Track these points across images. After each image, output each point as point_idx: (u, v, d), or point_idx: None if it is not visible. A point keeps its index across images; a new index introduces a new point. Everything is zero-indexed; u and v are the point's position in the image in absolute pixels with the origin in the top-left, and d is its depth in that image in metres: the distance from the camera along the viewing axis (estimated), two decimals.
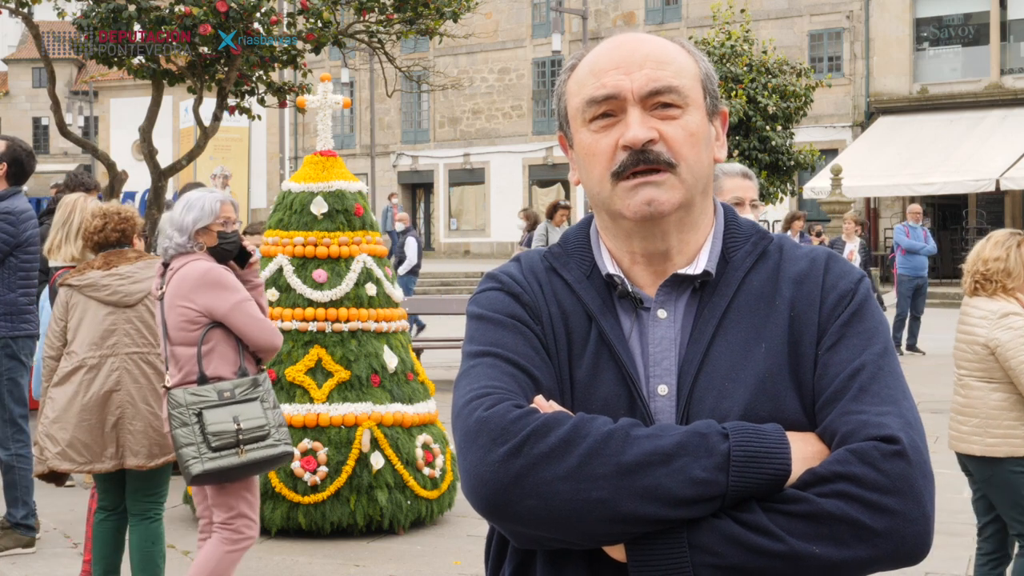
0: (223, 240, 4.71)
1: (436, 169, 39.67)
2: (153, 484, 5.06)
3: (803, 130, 26.68)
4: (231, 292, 4.61)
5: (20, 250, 6.17)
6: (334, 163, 6.98)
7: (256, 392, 4.56)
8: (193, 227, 4.66)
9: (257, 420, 4.50)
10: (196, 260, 4.64)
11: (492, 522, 1.58)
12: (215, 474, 4.49)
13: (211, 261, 4.68)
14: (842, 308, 1.62)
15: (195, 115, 14.06)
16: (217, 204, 4.70)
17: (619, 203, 1.62)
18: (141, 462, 4.93)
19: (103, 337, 4.97)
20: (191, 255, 4.66)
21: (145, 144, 13.75)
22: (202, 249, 4.69)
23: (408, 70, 19.92)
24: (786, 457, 1.50)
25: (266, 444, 4.51)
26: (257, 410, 4.52)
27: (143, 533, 5.03)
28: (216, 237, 4.70)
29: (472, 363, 1.64)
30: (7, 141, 6.39)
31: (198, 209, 4.68)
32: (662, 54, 1.65)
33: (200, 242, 4.69)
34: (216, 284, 4.60)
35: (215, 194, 4.79)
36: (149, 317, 5.00)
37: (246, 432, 4.47)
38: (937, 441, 9.32)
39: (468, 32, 21.60)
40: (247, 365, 4.64)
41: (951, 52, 30.97)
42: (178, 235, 4.67)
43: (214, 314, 4.58)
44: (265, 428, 4.51)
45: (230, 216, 4.74)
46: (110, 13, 12.33)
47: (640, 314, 1.65)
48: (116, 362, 4.96)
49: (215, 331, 4.60)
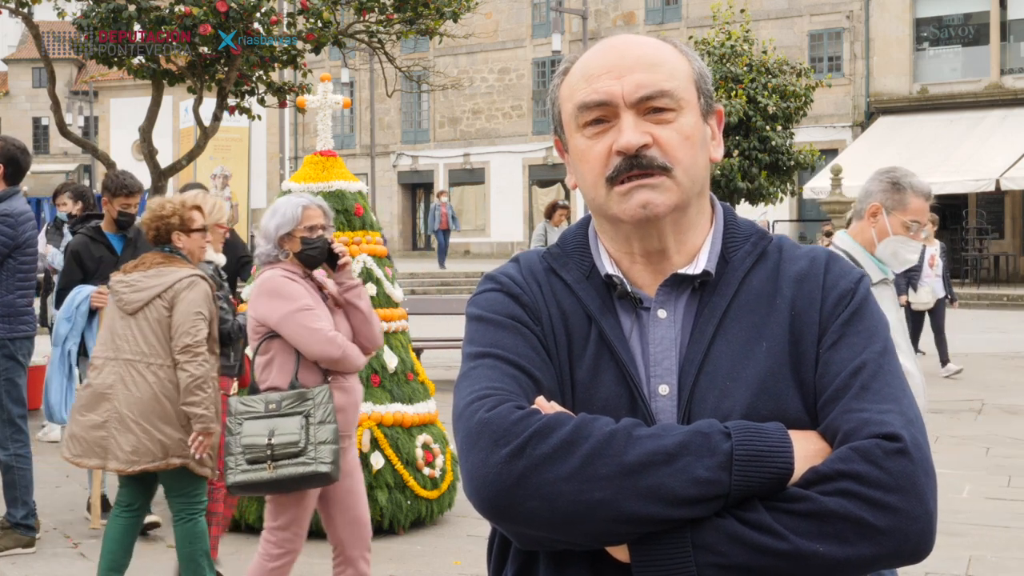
0: (307, 246, 4.58)
1: (436, 169, 39.67)
2: (183, 485, 5.05)
3: (803, 130, 26.70)
4: (284, 302, 4.48)
5: (18, 252, 6.17)
6: (334, 163, 6.98)
7: (302, 407, 4.40)
8: (276, 234, 4.57)
9: (291, 436, 4.35)
10: (271, 268, 4.59)
11: (495, 523, 1.57)
12: (246, 486, 4.43)
13: (290, 269, 4.58)
14: (843, 307, 1.62)
15: (195, 115, 14.06)
16: (299, 210, 4.59)
17: (615, 207, 1.62)
18: (120, 466, 4.96)
19: (111, 340, 5.04)
20: (276, 263, 4.60)
21: (145, 144, 13.76)
22: (288, 257, 4.60)
23: (408, 70, 19.92)
24: (789, 456, 1.50)
25: (298, 461, 4.35)
26: (294, 425, 4.37)
27: (179, 534, 5.06)
28: (300, 243, 4.58)
29: (472, 364, 1.64)
30: (1, 141, 6.36)
31: (280, 215, 4.59)
32: (654, 56, 1.64)
33: (286, 249, 4.60)
34: (271, 293, 4.52)
35: (299, 199, 4.67)
36: (156, 325, 4.97)
37: (278, 448, 4.35)
38: (937, 441, 9.33)
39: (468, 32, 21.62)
40: (305, 376, 4.50)
41: (951, 52, 30.98)
42: (264, 242, 4.61)
43: (268, 323, 4.51)
44: (299, 445, 4.35)
45: (316, 222, 4.60)
46: (110, 13, 12.34)
47: (640, 314, 1.65)
48: (116, 366, 4.99)
49: (275, 341, 4.53)
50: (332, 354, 4.48)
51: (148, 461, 4.92)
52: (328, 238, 4.63)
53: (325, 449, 4.37)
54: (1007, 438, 9.73)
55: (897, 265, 3.90)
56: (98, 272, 6.51)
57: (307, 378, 4.52)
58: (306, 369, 4.52)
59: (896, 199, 3.88)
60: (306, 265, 4.62)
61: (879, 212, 3.88)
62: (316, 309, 4.52)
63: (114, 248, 6.66)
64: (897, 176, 3.92)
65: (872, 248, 3.89)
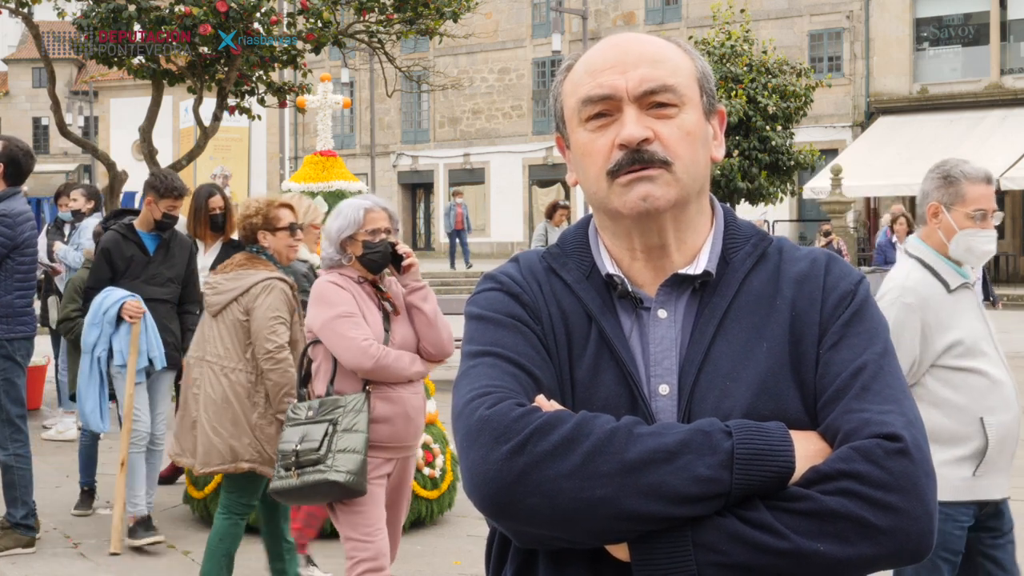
0: (368, 250, 4.42)
1: (436, 169, 39.67)
2: (242, 486, 5.08)
3: (803, 130, 26.70)
4: (326, 308, 4.37)
5: (17, 252, 6.16)
6: (334, 163, 6.98)
7: (332, 414, 4.28)
8: (338, 237, 4.44)
9: (313, 443, 4.24)
10: (326, 273, 4.49)
11: (495, 521, 1.57)
12: (278, 493, 4.35)
13: (346, 275, 4.45)
14: (843, 308, 1.63)
15: (195, 115, 14.07)
16: (360, 212, 4.44)
17: (615, 200, 1.62)
18: (196, 466, 5.08)
19: (200, 340, 5.14)
20: (337, 268, 4.49)
21: (145, 144, 13.77)
22: (351, 261, 4.47)
23: (408, 70, 19.93)
24: (790, 455, 1.50)
25: (316, 469, 4.22)
26: (319, 432, 4.25)
27: (218, 525, 5.09)
28: (361, 247, 4.44)
29: (472, 363, 1.64)
30: (3, 141, 6.36)
31: (342, 218, 4.45)
32: (657, 53, 1.65)
33: (348, 253, 4.46)
34: (316, 299, 4.44)
35: (362, 201, 4.52)
36: (234, 329, 5.00)
37: (302, 454, 4.24)
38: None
39: (468, 32, 21.62)
40: (343, 384, 4.39)
41: (951, 52, 30.98)
42: (328, 246, 4.49)
43: (312, 329, 4.45)
44: (319, 452, 4.22)
45: (379, 225, 4.44)
46: (110, 13, 12.34)
47: (640, 314, 1.65)
48: (201, 367, 5.09)
49: (319, 347, 4.46)
50: (363, 364, 4.32)
51: (218, 463, 4.98)
52: (391, 241, 4.46)
53: (344, 458, 4.21)
54: None
55: (976, 260, 3.68)
56: (127, 272, 6.45)
57: (345, 385, 4.40)
58: (344, 376, 4.40)
59: (951, 193, 3.68)
60: (368, 269, 4.47)
61: (939, 211, 3.68)
62: (356, 316, 4.36)
63: (146, 248, 6.56)
64: (947, 169, 3.72)
65: (945, 250, 3.68)
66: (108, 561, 6.15)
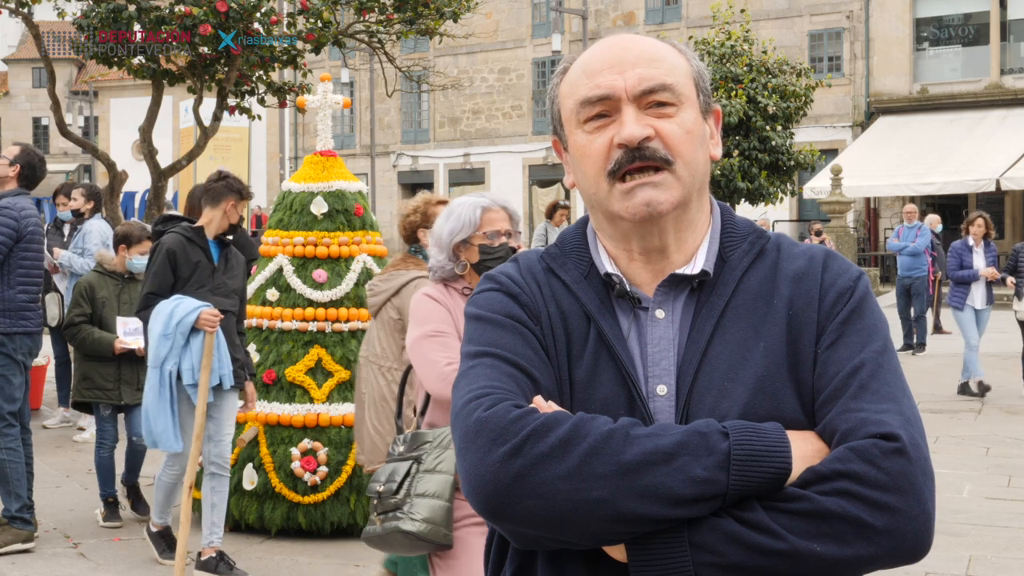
0: (486, 255, 3.78)
1: (436, 169, 39.65)
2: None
3: (803, 130, 26.68)
4: (416, 326, 3.76)
5: (21, 247, 6.20)
6: (334, 163, 6.98)
7: (418, 450, 3.58)
8: (450, 241, 3.80)
9: (393, 484, 3.54)
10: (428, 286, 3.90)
11: (492, 523, 1.57)
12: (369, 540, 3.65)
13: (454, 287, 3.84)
14: (841, 306, 1.62)
15: (195, 115, 14.07)
16: (477, 212, 3.80)
17: (616, 205, 1.62)
18: (364, 463, 5.13)
19: (367, 339, 5.19)
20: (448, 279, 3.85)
21: (145, 144, 13.77)
22: (466, 269, 3.81)
23: (408, 70, 19.92)
24: (787, 455, 1.50)
25: (392, 515, 3.52)
26: (401, 472, 3.55)
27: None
28: (478, 252, 3.80)
29: (471, 364, 1.64)
30: (23, 147, 6.57)
31: (455, 219, 3.81)
32: (654, 53, 1.66)
33: (462, 260, 3.82)
34: (410, 315, 3.85)
35: (479, 199, 3.88)
36: (389, 328, 5.01)
37: (384, 496, 3.55)
38: (937, 441, 9.32)
39: (468, 32, 21.60)
40: (434, 415, 3.72)
41: (951, 52, 30.97)
42: (437, 251, 3.85)
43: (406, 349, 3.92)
44: (397, 496, 3.52)
45: (498, 227, 3.82)
46: (110, 13, 12.35)
47: (638, 314, 1.65)
48: (365, 366, 5.15)
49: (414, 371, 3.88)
50: (441, 392, 3.59)
51: (379, 462, 4.91)
52: (513, 245, 3.83)
53: (423, 504, 3.49)
54: (1007, 438, 9.73)
55: None
56: (192, 279, 5.78)
57: (437, 417, 3.70)
58: (438, 406, 3.69)
59: None
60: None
61: None
62: (446, 336, 3.70)
63: (212, 255, 5.90)
64: None
65: None
66: (108, 561, 6.16)
